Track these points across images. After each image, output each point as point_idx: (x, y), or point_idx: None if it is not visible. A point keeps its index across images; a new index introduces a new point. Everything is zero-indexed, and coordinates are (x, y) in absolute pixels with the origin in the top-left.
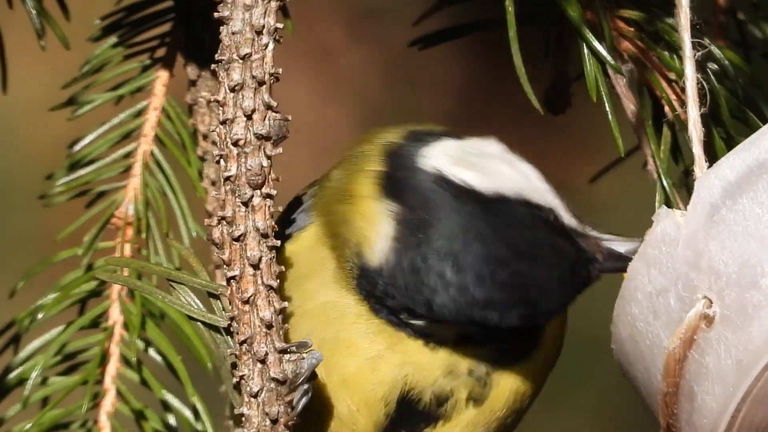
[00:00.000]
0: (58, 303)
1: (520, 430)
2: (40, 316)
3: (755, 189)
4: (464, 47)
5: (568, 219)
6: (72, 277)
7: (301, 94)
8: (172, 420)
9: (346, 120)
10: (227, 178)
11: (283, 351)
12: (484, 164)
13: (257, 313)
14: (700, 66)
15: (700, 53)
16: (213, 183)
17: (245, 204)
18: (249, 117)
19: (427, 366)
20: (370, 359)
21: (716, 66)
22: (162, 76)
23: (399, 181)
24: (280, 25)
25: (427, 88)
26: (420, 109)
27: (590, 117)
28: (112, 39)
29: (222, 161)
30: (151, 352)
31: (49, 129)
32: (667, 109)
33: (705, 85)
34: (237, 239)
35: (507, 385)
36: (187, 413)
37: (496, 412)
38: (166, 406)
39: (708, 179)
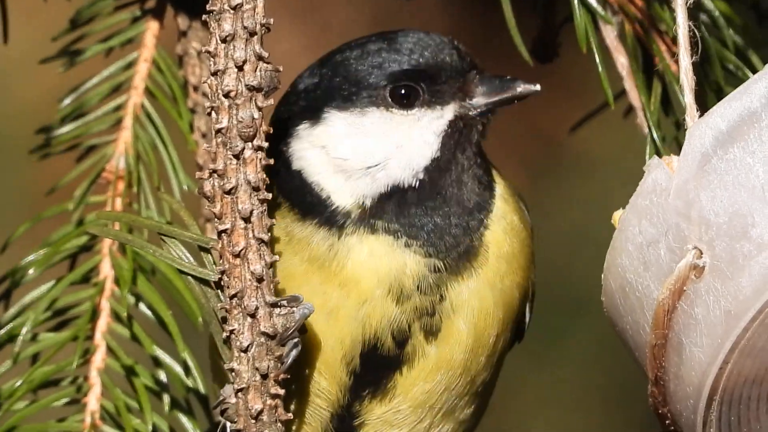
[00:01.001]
0: (48, 258)
1: (507, 382)
2: (30, 271)
3: (746, 138)
4: None
5: None
6: (63, 232)
7: (289, 47)
8: (162, 376)
9: None
10: (218, 131)
11: (274, 305)
12: None
13: (248, 267)
14: (692, 15)
15: (690, 2)
16: (204, 135)
17: (236, 157)
18: (240, 68)
19: (378, 295)
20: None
21: (706, 16)
22: (152, 27)
23: None
24: None
25: None
26: None
27: (582, 65)
28: None
29: (213, 113)
30: (142, 307)
31: (39, 82)
32: (657, 60)
33: (696, 34)
34: (228, 192)
35: (460, 304)
36: (178, 368)
37: (459, 344)
38: (157, 362)
39: (700, 128)
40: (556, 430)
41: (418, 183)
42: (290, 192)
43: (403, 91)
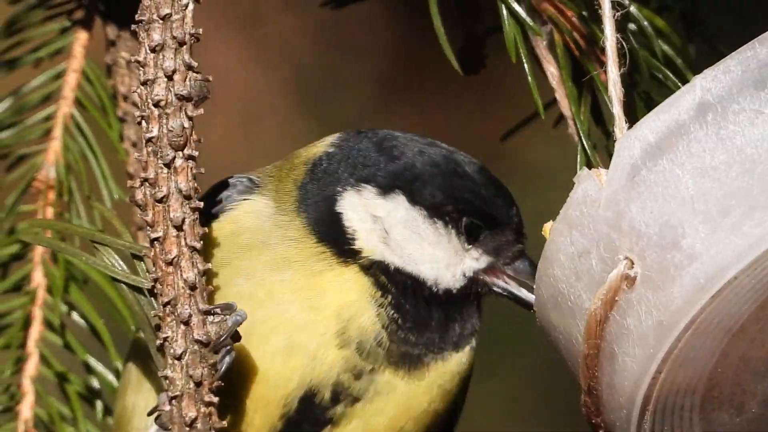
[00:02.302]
0: None
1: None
2: None
3: (675, 150)
4: (392, 11)
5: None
6: None
7: (232, 60)
8: (95, 383)
9: (277, 86)
10: (149, 140)
11: (207, 312)
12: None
13: (181, 275)
14: (620, 26)
15: (619, 13)
16: (134, 144)
17: (167, 165)
18: (170, 78)
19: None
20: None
21: (635, 26)
22: (81, 37)
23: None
24: None
25: (357, 53)
26: (350, 73)
27: (516, 74)
28: (31, 0)
29: (143, 122)
30: (74, 315)
31: None
32: (586, 70)
33: (624, 45)
34: (160, 201)
35: (386, 391)
36: (110, 377)
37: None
38: (90, 370)
39: (628, 140)
40: None
41: (431, 292)
42: (313, 212)
43: (473, 227)
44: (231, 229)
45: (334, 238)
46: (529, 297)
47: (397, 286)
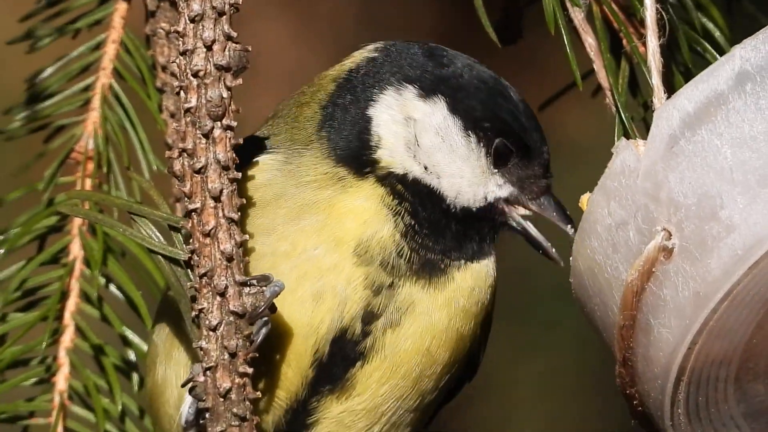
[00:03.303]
0: (18, 239)
1: (501, 372)
2: (0, 251)
3: (714, 120)
4: None
5: None
6: (32, 212)
7: (279, 37)
8: (132, 355)
9: (325, 62)
10: (187, 110)
11: (243, 284)
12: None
13: (218, 246)
14: None
15: None
16: (173, 115)
17: (206, 136)
18: (209, 48)
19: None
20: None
21: None
22: (120, 7)
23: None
24: None
25: (403, 30)
26: None
27: (550, 46)
28: None
29: (182, 92)
30: (112, 287)
31: (6, 63)
32: (624, 41)
33: (664, 16)
34: (198, 171)
35: (413, 306)
36: (147, 348)
37: (410, 350)
38: (126, 342)
39: (667, 110)
40: (553, 419)
41: (449, 207)
42: (338, 127)
43: (504, 151)
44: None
45: (354, 152)
46: (542, 239)
47: (413, 195)
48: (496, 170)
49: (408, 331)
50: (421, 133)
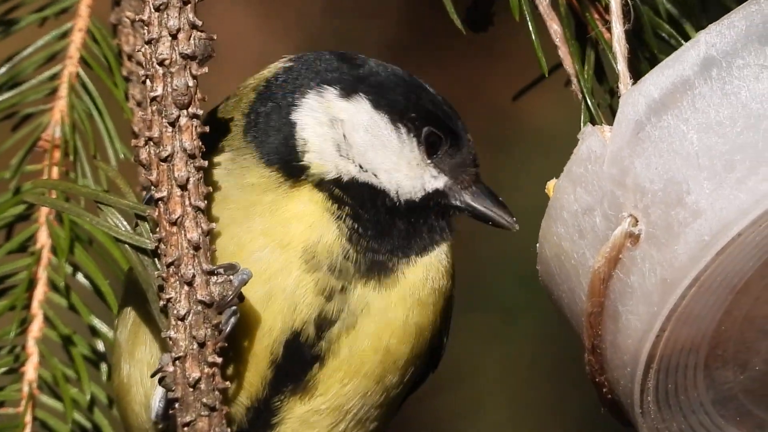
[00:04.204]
0: None
1: (465, 358)
2: None
3: (680, 105)
4: None
5: None
6: None
7: (245, 25)
8: (100, 345)
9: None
10: (153, 99)
11: (210, 273)
12: None
13: (185, 235)
14: None
15: None
16: (139, 104)
17: (172, 124)
18: (174, 36)
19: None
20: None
21: None
22: None
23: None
24: None
25: (368, 16)
26: (361, 37)
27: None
28: None
29: (148, 81)
30: (79, 276)
31: None
32: (589, 28)
33: (629, 2)
34: (164, 160)
35: (364, 308)
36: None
37: (366, 350)
38: (95, 331)
39: (633, 96)
40: (514, 406)
41: (393, 203)
42: (262, 135)
43: (434, 140)
44: None
45: (284, 158)
46: (487, 210)
47: (353, 197)
48: (430, 161)
49: (365, 332)
50: (350, 133)
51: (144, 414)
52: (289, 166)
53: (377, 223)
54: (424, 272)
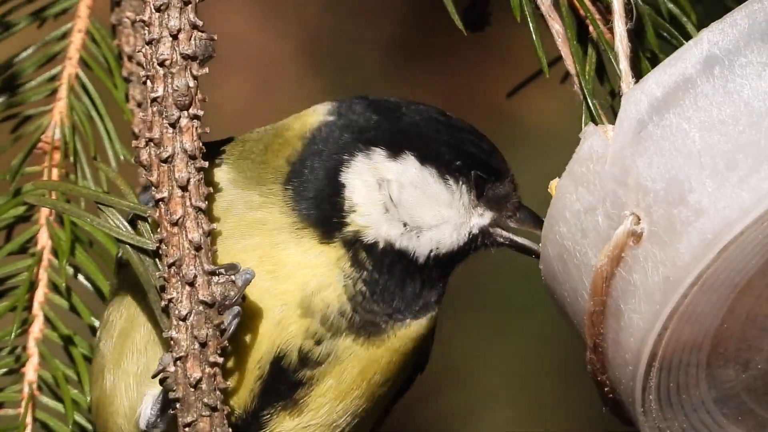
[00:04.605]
0: None
1: (467, 356)
2: None
3: (682, 104)
4: None
5: None
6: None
7: (245, 25)
8: None
9: (290, 50)
10: (154, 99)
11: (212, 273)
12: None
13: (186, 235)
14: None
15: None
16: (139, 105)
17: (173, 125)
18: (175, 37)
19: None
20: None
21: None
22: None
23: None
24: None
25: (368, 16)
26: (361, 37)
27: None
28: None
29: (148, 82)
30: (80, 278)
31: None
32: (591, 28)
33: (631, 1)
34: (165, 161)
35: (343, 359)
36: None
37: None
38: (94, 332)
39: (635, 95)
40: (514, 406)
41: (413, 266)
42: (305, 188)
43: (480, 181)
44: None
45: (325, 215)
46: (530, 244)
47: (375, 262)
48: (477, 202)
49: (347, 369)
50: (397, 192)
51: (127, 426)
52: (328, 222)
53: (385, 288)
54: (415, 333)
